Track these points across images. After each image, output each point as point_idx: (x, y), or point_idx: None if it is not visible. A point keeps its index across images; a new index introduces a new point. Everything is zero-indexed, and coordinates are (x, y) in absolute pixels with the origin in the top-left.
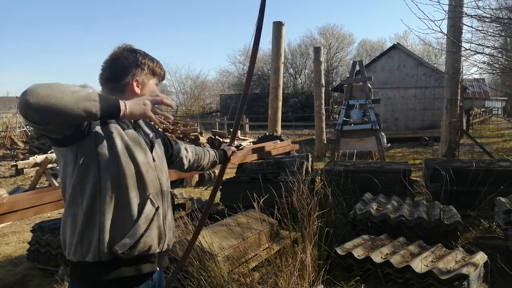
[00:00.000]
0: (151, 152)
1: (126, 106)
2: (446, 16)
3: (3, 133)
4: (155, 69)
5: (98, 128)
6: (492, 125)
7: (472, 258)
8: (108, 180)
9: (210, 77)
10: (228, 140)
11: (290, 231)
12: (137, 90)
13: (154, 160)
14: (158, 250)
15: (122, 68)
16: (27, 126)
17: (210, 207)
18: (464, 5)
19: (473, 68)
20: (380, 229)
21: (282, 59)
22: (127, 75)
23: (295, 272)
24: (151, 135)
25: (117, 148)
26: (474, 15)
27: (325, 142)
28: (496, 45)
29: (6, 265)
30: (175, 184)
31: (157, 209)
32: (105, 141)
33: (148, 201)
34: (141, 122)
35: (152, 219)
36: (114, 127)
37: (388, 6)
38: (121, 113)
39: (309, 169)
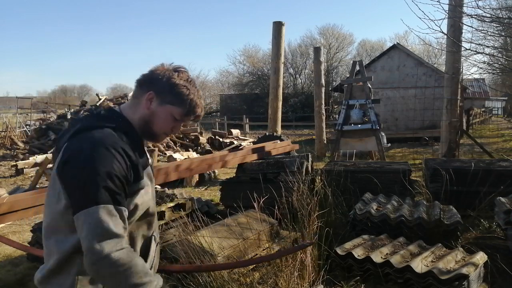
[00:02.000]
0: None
1: None
2: (446, 16)
3: (3, 133)
4: (196, 109)
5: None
6: (492, 125)
7: (472, 258)
8: None
9: (210, 77)
10: (228, 140)
11: (290, 231)
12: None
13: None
14: None
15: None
16: (27, 126)
17: None
18: (464, 5)
19: (473, 68)
20: (380, 229)
21: (282, 59)
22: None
23: (295, 272)
24: (150, 161)
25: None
26: (474, 15)
27: (325, 142)
28: (496, 45)
29: (6, 265)
30: (175, 184)
31: (157, 244)
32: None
33: (152, 239)
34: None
35: (154, 256)
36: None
37: (388, 6)
38: None
39: (309, 169)
